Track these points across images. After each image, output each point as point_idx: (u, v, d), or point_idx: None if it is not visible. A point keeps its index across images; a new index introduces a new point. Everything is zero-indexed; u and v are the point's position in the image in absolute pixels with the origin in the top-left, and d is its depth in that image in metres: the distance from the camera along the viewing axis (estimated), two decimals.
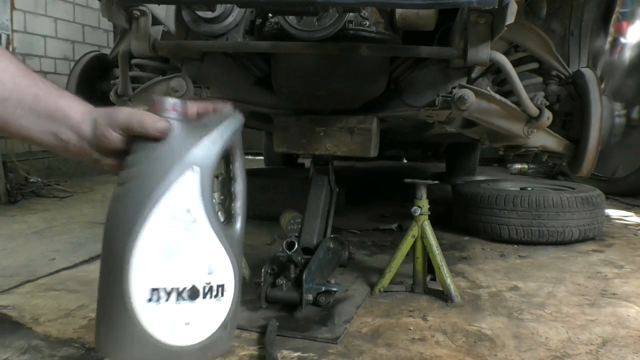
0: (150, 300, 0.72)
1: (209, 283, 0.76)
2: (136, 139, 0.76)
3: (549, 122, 1.73)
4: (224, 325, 0.78)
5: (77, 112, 0.79)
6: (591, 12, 2.03)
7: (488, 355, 1.29)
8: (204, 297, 0.76)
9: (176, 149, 0.74)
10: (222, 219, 0.82)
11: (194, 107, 0.81)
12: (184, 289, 0.74)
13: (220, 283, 0.77)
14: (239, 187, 0.84)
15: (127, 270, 0.71)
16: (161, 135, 0.74)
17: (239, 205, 0.83)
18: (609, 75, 3.69)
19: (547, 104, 1.78)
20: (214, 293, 0.77)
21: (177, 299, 0.73)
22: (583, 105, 1.88)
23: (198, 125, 0.79)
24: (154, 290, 0.72)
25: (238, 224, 0.83)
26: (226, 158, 0.82)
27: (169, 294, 0.73)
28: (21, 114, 0.76)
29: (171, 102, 0.76)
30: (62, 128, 0.78)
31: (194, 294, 0.75)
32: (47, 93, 0.78)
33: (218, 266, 0.77)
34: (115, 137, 0.76)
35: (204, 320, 0.77)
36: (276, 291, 1.50)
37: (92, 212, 3.22)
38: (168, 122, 0.75)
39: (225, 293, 0.78)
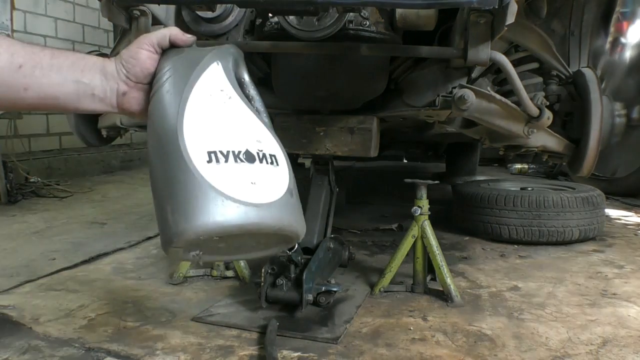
0: (209, 161, 0.74)
1: (261, 150, 0.79)
2: (164, 52, 0.86)
3: (549, 122, 1.73)
4: (289, 192, 0.78)
5: (98, 57, 0.85)
6: (591, 12, 2.03)
7: (488, 355, 1.29)
8: (261, 161, 0.77)
9: (199, 52, 0.86)
10: None
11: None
12: (239, 151, 0.76)
13: (272, 153, 0.80)
14: (258, 103, 0.89)
15: (182, 140, 0.75)
16: (188, 45, 0.87)
17: (259, 105, 0.89)
18: (610, 75, 3.68)
19: (547, 103, 1.78)
20: (269, 160, 0.78)
21: (236, 160, 0.75)
22: (583, 105, 1.88)
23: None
24: (210, 152, 0.75)
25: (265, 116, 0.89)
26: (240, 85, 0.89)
27: (225, 155, 0.75)
28: (40, 74, 0.78)
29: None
30: (86, 73, 0.82)
31: (249, 157, 0.77)
32: (63, 51, 0.83)
33: (264, 138, 0.81)
34: (145, 56, 0.83)
35: (269, 183, 0.76)
36: (276, 291, 1.50)
37: (92, 212, 3.22)
38: (193, 36, 0.88)
39: (279, 163, 0.80)
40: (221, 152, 0.75)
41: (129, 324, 1.49)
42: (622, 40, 3.75)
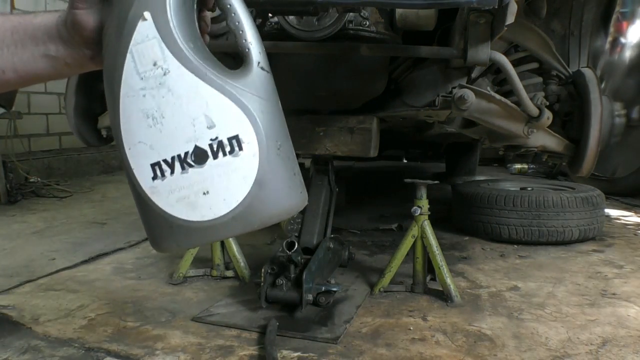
0: (154, 177, 0.64)
1: (215, 138, 0.63)
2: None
3: (549, 122, 1.73)
4: (258, 184, 0.64)
5: (51, 19, 0.75)
6: (591, 12, 2.03)
7: (488, 355, 1.29)
8: (215, 156, 0.63)
9: (123, 6, 0.65)
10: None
11: None
12: (186, 153, 0.63)
13: (232, 135, 0.64)
14: (238, 17, 0.68)
15: (126, 156, 0.64)
16: None
17: (247, 38, 0.67)
18: (609, 75, 3.69)
19: (547, 103, 1.78)
20: (227, 148, 0.63)
21: (182, 167, 0.63)
22: (583, 105, 1.88)
23: None
24: (154, 165, 0.64)
25: (252, 61, 0.67)
26: None
27: (170, 164, 0.63)
28: (8, 53, 0.74)
29: None
30: (48, 44, 0.74)
31: (200, 156, 0.63)
32: (21, 21, 0.75)
33: (219, 116, 0.64)
34: (84, 18, 0.70)
35: (227, 183, 0.63)
36: (276, 291, 1.50)
37: (92, 212, 3.22)
38: None
39: (243, 145, 0.64)
40: (165, 162, 0.63)
41: (129, 324, 1.49)
42: (622, 40, 3.75)
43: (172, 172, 0.63)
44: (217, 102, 0.64)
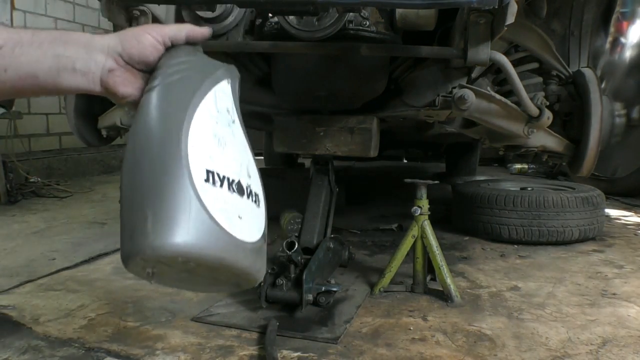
0: (207, 180, 0.67)
1: (250, 186, 0.74)
2: (172, 48, 0.79)
3: (549, 122, 1.74)
4: (263, 237, 0.74)
5: (85, 33, 0.78)
6: (591, 12, 2.03)
7: (488, 355, 1.29)
8: (248, 197, 0.73)
9: (212, 63, 0.81)
10: None
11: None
12: (233, 180, 0.71)
13: (257, 192, 0.75)
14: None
15: (185, 147, 0.67)
16: (205, 38, 0.83)
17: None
18: (609, 75, 3.69)
19: (547, 103, 1.78)
20: (253, 198, 0.74)
21: (229, 188, 0.70)
22: (583, 105, 1.89)
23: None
24: (209, 172, 0.68)
25: None
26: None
27: (222, 180, 0.69)
28: (19, 52, 0.73)
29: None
30: (69, 46, 0.75)
31: (240, 189, 0.72)
32: (48, 29, 0.77)
33: (253, 173, 0.76)
34: (149, 42, 0.77)
35: (251, 221, 0.72)
36: (276, 291, 1.50)
37: (92, 212, 3.22)
38: (209, 28, 0.84)
39: (260, 205, 0.76)
40: (218, 175, 0.69)
41: (129, 324, 1.49)
42: (622, 40, 3.74)
43: (222, 186, 0.69)
44: (253, 163, 0.78)
